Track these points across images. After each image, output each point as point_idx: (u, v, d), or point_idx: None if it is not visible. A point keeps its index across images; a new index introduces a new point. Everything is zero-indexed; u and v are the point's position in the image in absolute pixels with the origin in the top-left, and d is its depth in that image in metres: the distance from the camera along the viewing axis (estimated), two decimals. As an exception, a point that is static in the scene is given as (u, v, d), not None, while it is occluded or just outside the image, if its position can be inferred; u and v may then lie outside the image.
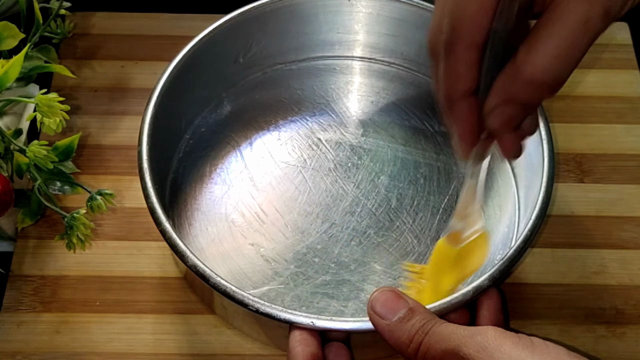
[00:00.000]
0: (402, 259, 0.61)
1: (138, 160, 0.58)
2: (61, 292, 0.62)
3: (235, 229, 0.63)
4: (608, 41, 0.76)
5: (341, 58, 0.72)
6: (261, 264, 0.61)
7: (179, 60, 0.63)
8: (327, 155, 0.67)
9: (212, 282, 0.53)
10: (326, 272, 0.61)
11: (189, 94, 0.66)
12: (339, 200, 0.64)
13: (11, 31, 0.63)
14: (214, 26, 0.65)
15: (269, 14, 0.67)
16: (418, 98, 0.70)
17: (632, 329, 0.62)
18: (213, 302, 0.60)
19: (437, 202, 0.64)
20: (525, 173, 0.62)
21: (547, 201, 0.57)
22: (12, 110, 0.66)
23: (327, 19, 0.69)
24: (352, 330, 0.52)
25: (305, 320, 0.52)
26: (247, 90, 0.70)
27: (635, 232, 0.66)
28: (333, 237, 0.63)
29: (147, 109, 0.61)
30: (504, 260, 0.54)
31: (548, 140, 0.59)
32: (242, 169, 0.66)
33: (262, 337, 0.59)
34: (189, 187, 0.65)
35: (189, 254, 0.54)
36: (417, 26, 0.68)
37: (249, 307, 0.52)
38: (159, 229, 0.55)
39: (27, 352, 0.60)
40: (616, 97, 0.73)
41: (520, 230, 0.57)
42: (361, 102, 0.70)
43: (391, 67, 0.72)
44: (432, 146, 0.68)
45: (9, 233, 0.64)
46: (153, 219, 0.56)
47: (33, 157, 0.59)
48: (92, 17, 0.77)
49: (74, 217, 0.60)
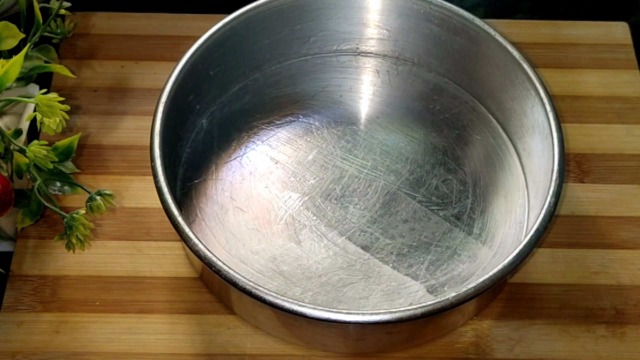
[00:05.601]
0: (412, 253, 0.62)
1: (151, 161, 0.59)
2: (61, 292, 0.62)
3: (244, 229, 0.63)
4: (608, 41, 0.76)
5: (348, 53, 0.73)
6: (272, 266, 0.62)
7: (189, 57, 0.64)
8: (335, 150, 0.67)
9: (245, 287, 0.53)
10: (342, 268, 0.61)
11: (199, 88, 0.66)
12: (348, 192, 0.65)
13: (11, 31, 0.63)
14: (216, 27, 0.65)
15: (270, 13, 0.68)
16: (425, 93, 0.71)
17: (632, 329, 0.62)
18: (231, 302, 0.60)
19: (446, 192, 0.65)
20: (536, 172, 0.63)
21: (557, 198, 0.57)
22: (12, 110, 0.66)
23: (330, 14, 0.70)
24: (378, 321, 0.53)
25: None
26: (251, 88, 0.71)
27: (635, 232, 0.66)
28: (345, 234, 0.63)
29: (159, 105, 0.61)
30: (517, 253, 0.55)
31: (559, 139, 0.60)
32: (250, 165, 0.66)
33: (283, 333, 0.60)
34: (195, 185, 0.65)
35: (215, 260, 0.54)
36: (423, 21, 0.68)
37: (299, 313, 0.53)
38: (183, 238, 0.56)
39: (27, 352, 0.60)
40: (616, 97, 0.73)
41: (529, 227, 0.58)
42: (372, 98, 0.71)
43: (405, 64, 0.72)
44: (439, 140, 0.68)
45: (9, 233, 0.64)
46: (174, 226, 0.56)
47: (33, 157, 0.59)
48: (92, 17, 0.77)
49: (73, 217, 0.60)
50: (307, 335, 0.59)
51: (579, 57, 0.75)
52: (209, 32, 0.65)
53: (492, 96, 0.68)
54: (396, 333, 0.58)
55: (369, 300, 0.60)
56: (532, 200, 0.63)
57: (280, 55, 0.71)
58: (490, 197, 0.65)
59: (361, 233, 0.63)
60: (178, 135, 0.65)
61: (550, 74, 0.74)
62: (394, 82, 0.71)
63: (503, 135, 0.68)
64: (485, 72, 0.67)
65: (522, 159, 0.66)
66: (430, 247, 0.63)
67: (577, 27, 0.77)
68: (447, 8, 0.66)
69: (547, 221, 0.57)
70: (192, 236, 0.55)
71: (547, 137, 0.60)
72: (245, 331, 0.61)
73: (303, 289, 0.61)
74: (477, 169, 0.67)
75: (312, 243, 0.63)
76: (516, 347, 0.61)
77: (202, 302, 0.62)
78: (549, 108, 0.61)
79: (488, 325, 0.61)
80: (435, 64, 0.71)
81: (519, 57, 0.64)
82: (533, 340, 0.61)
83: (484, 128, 0.69)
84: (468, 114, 0.70)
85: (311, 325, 0.56)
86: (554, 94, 0.72)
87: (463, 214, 0.64)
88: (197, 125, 0.68)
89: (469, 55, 0.68)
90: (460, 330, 0.61)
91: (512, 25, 0.77)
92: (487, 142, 0.68)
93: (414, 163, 0.67)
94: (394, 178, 0.66)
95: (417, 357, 0.60)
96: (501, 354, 0.60)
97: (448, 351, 0.60)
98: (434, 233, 0.63)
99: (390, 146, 0.68)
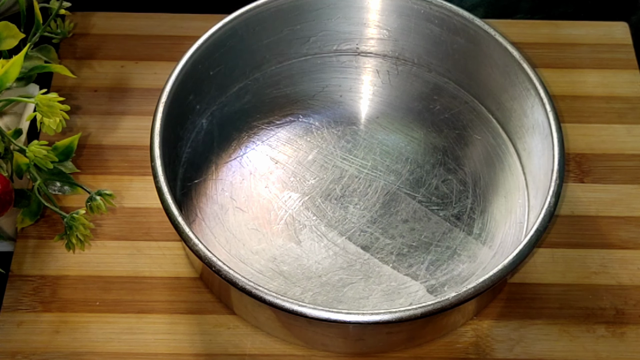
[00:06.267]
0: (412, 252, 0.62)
1: (151, 161, 0.59)
2: (61, 292, 0.62)
3: (245, 229, 0.63)
4: (608, 41, 0.76)
5: (348, 53, 0.73)
6: (272, 266, 0.61)
7: (191, 55, 0.64)
8: (335, 150, 0.67)
9: (246, 289, 0.53)
10: (342, 268, 0.61)
11: (199, 88, 0.66)
12: (348, 192, 0.65)
13: (11, 31, 0.63)
14: (216, 27, 0.65)
15: (270, 13, 0.68)
16: (425, 93, 0.71)
17: (632, 329, 0.62)
18: (231, 301, 0.60)
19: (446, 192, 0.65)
20: (536, 172, 0.63)
21: (557, 198, 0.57)
22: (12, 110, 0.66)
23: (330, 14, 0.70)
24: (377, 322, 0.53)
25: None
26: (251, 88, 0.71)
27: (635, 232, 0.66)
28: (345, 234, 0.63)
29: (159, 105, 0.61)
30: (517, 253, 0.55)
31: (559, 139, 0.60)
32: (250, 165, 0.66)
33: (283, 333, 0.60)
34: (195, 185, 0.65)
35: (215, 260, 0.54)
36: (423, 21, 0.68)
37: (299, 313, 0.53)
38: (183, 238, 0.56)
39: (27, 352, 0.60)
40: (616, 97, 0.73)
41: (529, 227, 0.58)
42: (372, 98, 0.70)
43: (404, 63, 0.72)
44: (439, 140, 0.68)
45: (9, 233, 0.64)
46: (175, 227, 0.56)
47: (33, 157, 0.59)
48: (92, 17, 0.77)
49: (73, 217, 0.60)
50: (307, 335, 0.59)
51: (579, 57, 0.75)
52: (209, 32, 0.65)
53: (492, 96, 0.68)
54: (396, 333, 0.58)
55: (369, 300, 0.60)
56: (532, 200, 0.63)
57: (280, 55, 0.71)
58: (490, 197, 0.65)
59: (361, 233, 0.63)
60: (178, 135, 0.65)
61: (550, 74, 0.74)
62: (394, 82, 0.71)
63: (503, 135, 0.68)
64: (485, 72, 0.67)
65: (522, 159, 0.66)
66: (430, 247, 0.63)
67: (577, 27, 0.77)
68: (447, 8, 0.66)
69: (547, 221, 0.57)
70: (192, 236, 0.55)
71: (547, 137, 0.60)
72: (245, 331, 0.61)
73: (303, 289, 0.61)
74: (477, 169, 0.67)
75: (312, 243, 0.63)
76: (516, 347, 0.61)
77: (202, 302, 0.62)
78: (549, 108, 0.61)
79: (488, 325, 0.61)
80: (435, 64, 0.71)
81: (519, 57, 0.64)
82: (533, 340, 0.61)
83: (484, 128, 0.69)
84: (468, 114, 0.70)
85: (311, 325, 0.56)
86: (554, 94, 0.72)
87: (463, 214, 0.64)
88: (197, 125, 0.68)
89: (469, 55, 0.68)
90: (460, 330, 0.61)
91: (512, 25, 0.77)
92: (487, 142, 0.68)
93: (414, 163, 0.67)
94: (394, 178, 0.66)
95: (417, 357, 0.60)
96: (501, 354, 0.60)
97: (448, 351, 0.60)
98: (434, 233, 0.63)
99: (390, 146, 0.68)
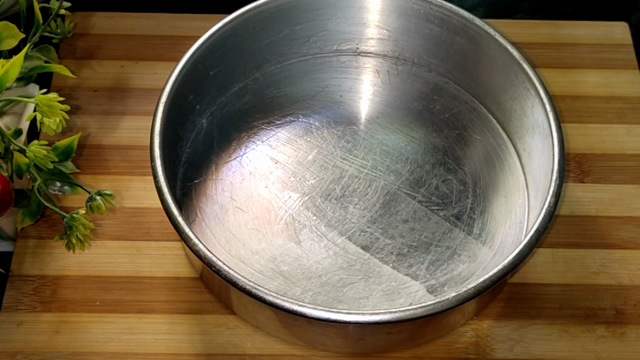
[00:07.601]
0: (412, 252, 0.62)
1: (151, 161, 0.59)
2: (61, 292, 0.62)
3: (245, 229, 0.63)
4: (608, 41, 0.76)
5: (348, 53, 0.73)
6: (272, 266, 0.61)
7: (190, 55, 0.64)
8: (335, 150, 0.67)
9: (248, 289, 0.53)
10: (342, 268, 0.61)
11: (199, 88, 0.66)
12: (348, 192, 0.65)
13: (11, 31, 0.63)
14: (216, 27, 0.65)
15: (270, 13, 0.68)
16: (424, 93, 0.71)
17: (632, 329, 0.62)
18: (231, 301, 0.60)
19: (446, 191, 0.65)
20: (536, 172, 0.63)
21: (557, 198, 0.57)
22: (12, 110, 0.66)
23: (330, 14, 0.70)
24: (376, 322, 0.53)
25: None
26: (251, 88, 0.71)
27: (635, 232, 0.66)
28: (345, 234, 0.63)
29: (159, 105, 0.61)
30: (517, 253, 0.55)
31: (559, 139, 0.60)
32: (250, 165, 0.66)
33: (283, 333, 0.60)
34: (195, 185, 0.65)
35: (215, 260, 0.54)
36: (423, 21, 0.68)
37: (299, 313, 0.53)
38: (183, 238, 0.56)
39: (27, 352, 0.60)
40: (616, 97, 0.73)
41: (529, 227, 0.58)
42: (372, 98, 0.70)
43: (405, 63, 0.72)
44: (439, 140, 0.68)
45: (9, 233, 0.64)
46: (175, 227, 0.56)
47: (33, 157, 0.59)
48: (92, 17, 0.77)
49: (73, 217, 0.60)
50: (307, 335, 0.59)
51: (579, 57, 0.75)
52: (209, 32, 0.65)
53: (492, 96, 0.68)
54: (396, 333, 0.58)
55: (369, 300, 0.60)
56: (532, 200, 0.63)
57: (280, 55, 0.71)
58: (490, 197, 0.65)
59: (361, 233, 0.63)
60: (178, 135, 0.65)
61: (550, 74, 0.74)
62: (394, 82, 0.71)
63: (503, 135, 0.68)
64: (485, 72, 0.67)
65: (522, 159, 0.66)
66: (430, 247, 0.63)
67: (577, 27, 0.77)
68: (447, 8, 0.66)
69: (547, 221, 0.57)
70: (192, 236, 0.55)
71: (547, 137, 0.60)
72: (245, 331, 0.61)
73: (303, 289, 0.61)
74: (477, 169, 0.67)
75: (312, 243, 0.63)
76: (516, 347, 0.61)
77: (202, 302, 0.62)
78: (549, 108, 0.61)
79: (488, 325, 0.61)
80: (435, 64, 0.71)
81: (519, 57, 0.64)
82: (533, 340, 0.61)
83: (484, 128, 0.69)
84: (468, 114, 0.70)
85: (311, 325, 0.56)
86: (554, 94, 0.72)
87: (463, 214, 0.64)
88: (197, 125, 0.68)
89: (469, 55, 0.68)
90: (460, 330, 0.61)
91: (512, 25, 0.77)
92: (487, 142, 0.68)
93: (414, 163, 0.67)
94: (394, 178, 0.66)
95: (417, 357, 0.60)
96: (501, 354, 0.60)
97: (448, 351, 0.60)
98: (434, 233, 0.63)
99: (390, 146, 0.68)
